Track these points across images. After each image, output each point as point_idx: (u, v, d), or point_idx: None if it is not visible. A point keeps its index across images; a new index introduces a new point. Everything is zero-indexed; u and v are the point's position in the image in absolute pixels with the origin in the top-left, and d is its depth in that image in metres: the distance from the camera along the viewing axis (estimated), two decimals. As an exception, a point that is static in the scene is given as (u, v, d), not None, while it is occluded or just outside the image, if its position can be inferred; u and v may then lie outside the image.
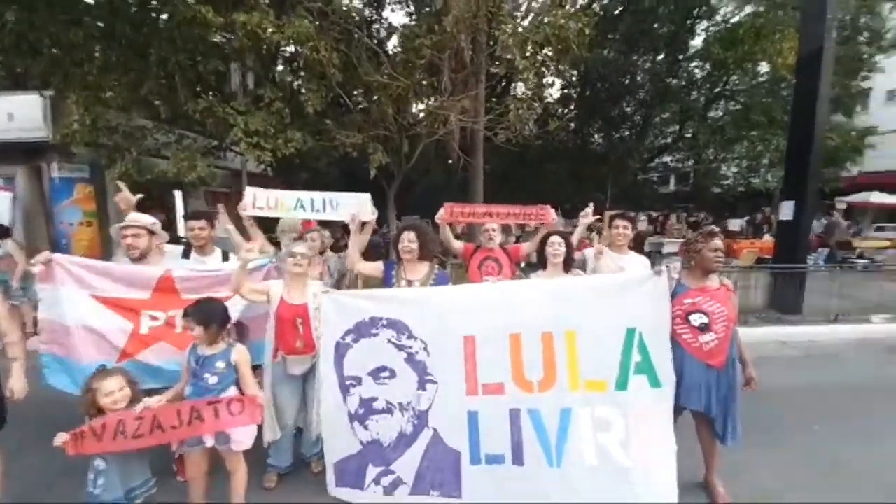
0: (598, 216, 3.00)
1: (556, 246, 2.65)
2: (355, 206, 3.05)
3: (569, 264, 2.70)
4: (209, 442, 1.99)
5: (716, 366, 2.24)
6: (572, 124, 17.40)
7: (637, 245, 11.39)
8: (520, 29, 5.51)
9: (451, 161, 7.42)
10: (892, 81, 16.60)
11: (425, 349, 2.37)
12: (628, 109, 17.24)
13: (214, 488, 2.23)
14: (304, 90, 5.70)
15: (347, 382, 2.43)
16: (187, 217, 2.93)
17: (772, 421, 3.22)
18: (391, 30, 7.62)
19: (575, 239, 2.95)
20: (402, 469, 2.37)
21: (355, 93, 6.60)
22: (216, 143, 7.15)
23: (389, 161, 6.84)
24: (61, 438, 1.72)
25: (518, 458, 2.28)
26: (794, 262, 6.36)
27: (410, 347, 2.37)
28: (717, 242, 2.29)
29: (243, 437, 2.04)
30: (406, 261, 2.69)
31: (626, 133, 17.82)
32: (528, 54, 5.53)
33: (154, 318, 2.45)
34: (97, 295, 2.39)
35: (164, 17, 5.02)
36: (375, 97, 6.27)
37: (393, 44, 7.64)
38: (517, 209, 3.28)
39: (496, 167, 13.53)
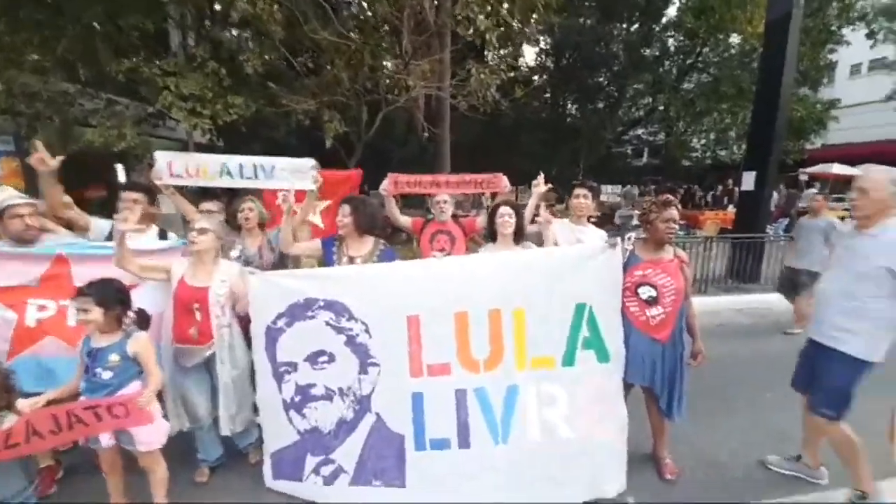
0: (550, 185, 2.85)
1: (507, 217, 2.52)
2: (293, 173, 2.72)
3: (520, 236, 2.59)
4: (105, 442, 1.80)
5: (661, 340, 2.22)
6: (547, 94, 17.24)
7: (608, 218, 11.51)
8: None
9: (425, 132, 7.06)
10: (856, 55, 17.08)
11: (366, 331, 2.23)
12: (601, 80, 17.12)
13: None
14: (243, 49, 5.19)
15: (281, 369, 2.27)
16: (122, 188, 2.56)
17: (724, 389, 3.30)
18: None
19: (529, 211, 2.83)
20: (343, 457, 2.27)
21: (305, 54, 6.11)
22: (152, 110, 6.55)
23: (347, 130, 6.46)
24: None
25: (464, 441, 2.22)
26: (755, 231, 6.54)
27: (351, 330, 2.23)
28: (671, 213, 2.21)
29: (150, 437, 1.87)
30: (345, 235, 2.49)
31: (601, 105, 17.77)
32: (489, 14, 5.20)
33: (42, 308, 2.15)
34: None
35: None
36: (330, 59, 5.81)
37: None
38: (468, 178, 3.14)
39: (467, 138, 13.25)
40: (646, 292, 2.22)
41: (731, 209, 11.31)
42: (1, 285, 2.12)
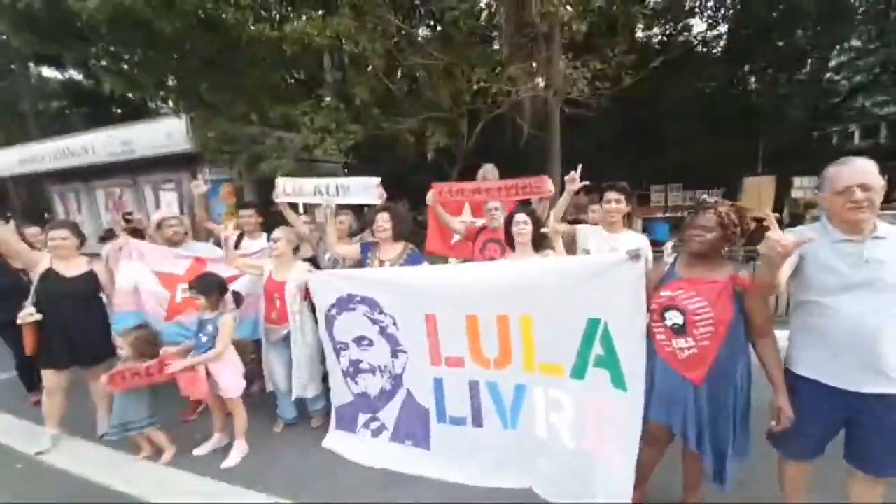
0: (586, 183, 2.81)
1: (522, 225, 2.61)
2: (363, 189, 3.42)
3: (539, 244, 2.66)
4: (203, 388, 2.81)
5: (692, 380, 1.90)
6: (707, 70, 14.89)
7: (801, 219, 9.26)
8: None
9: (523, 138, 7.25)
10: None
11: (394, 324, 2.81)
12: (788, 42, 13.85)
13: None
14: (351, 83, 6.38)
15: (338, 346, 3.04)
16: (238, 207, 3.82)
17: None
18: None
19: (559, 211, 2.89)
20: (385, 417, 2.93)
21: (402, 79, 6.98)
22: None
23: (449, 143, 7.14)
24: (104, 379, 2.76)
25: (478, 421, 2.65)
26: None
27: (382, 321, 2.84)
28: (703, 218, 1.88)
29: (229, 386, 2.83)
30: (381, 241, 3.08)
31: (794, 74, 14.32)
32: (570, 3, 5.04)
33: (185, 290, 3.29)
34: (153, 269, 3.37)
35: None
36: (430, 79, 6.57)
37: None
38: (510, 182, 3.31)
39: (597, 137, 12.60)
40: (672, 318, 1.91)
41: None
42: (161, 271, 3.39)
